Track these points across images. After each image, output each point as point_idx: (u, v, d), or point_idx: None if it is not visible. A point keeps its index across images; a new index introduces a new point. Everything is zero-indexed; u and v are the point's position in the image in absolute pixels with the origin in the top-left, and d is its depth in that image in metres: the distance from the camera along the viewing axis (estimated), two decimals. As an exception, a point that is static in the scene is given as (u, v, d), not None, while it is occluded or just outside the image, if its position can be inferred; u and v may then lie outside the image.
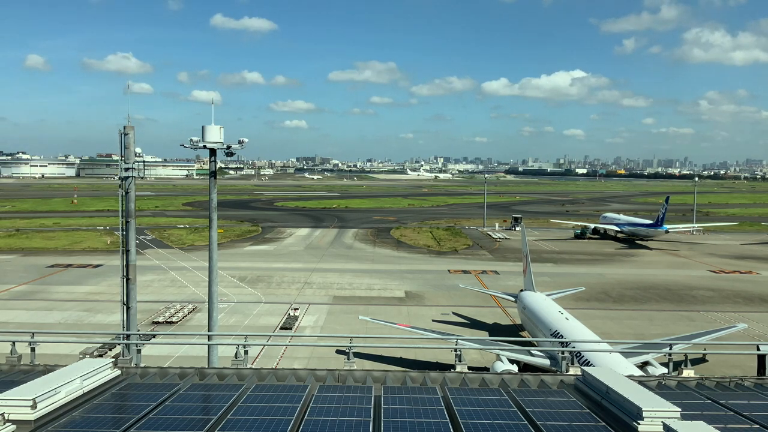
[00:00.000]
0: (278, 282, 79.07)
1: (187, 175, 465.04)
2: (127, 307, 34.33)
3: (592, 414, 14.96)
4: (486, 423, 14.18)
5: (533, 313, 50.12)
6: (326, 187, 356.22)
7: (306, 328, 57.33)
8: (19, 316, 59.58)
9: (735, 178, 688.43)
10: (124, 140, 33.70)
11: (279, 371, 19.43)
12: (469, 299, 69.97)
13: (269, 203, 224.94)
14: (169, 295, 69.87)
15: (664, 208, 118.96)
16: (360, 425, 13.83)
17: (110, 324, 55.55)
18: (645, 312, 65.86)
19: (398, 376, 19.19)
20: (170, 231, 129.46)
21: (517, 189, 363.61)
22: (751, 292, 76.57)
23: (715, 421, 14.01)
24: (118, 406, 15.23)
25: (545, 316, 47.94)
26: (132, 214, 34.43)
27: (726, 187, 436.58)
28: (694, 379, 19.12)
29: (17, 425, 13.36)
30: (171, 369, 19.23)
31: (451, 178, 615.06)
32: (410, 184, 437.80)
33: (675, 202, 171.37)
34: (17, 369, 19.24)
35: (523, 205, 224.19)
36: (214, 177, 37.05)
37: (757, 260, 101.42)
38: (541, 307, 50.19)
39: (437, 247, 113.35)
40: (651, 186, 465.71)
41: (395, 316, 58.15)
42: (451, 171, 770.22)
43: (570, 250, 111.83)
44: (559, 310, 48.48)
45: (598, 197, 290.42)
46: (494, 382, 18.65)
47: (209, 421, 13.96)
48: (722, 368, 39.88)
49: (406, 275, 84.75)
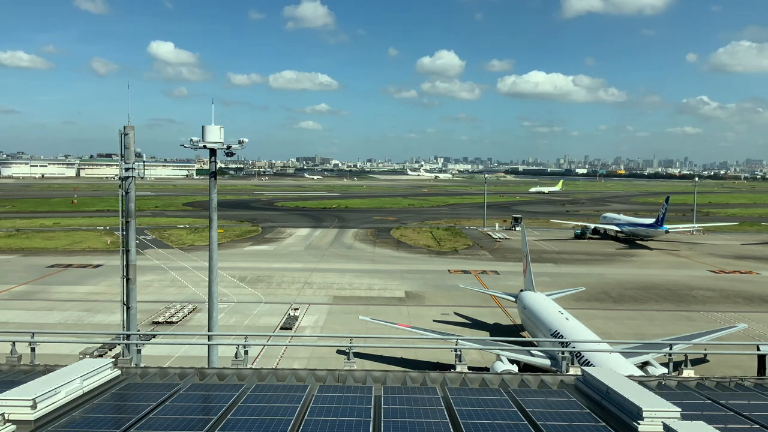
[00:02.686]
0: (278, 282, 79.07)
1: (187, 176, 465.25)
2: (127, 307, 34.31)
3: (592, 414, 14.95)
4: (486, 423, 14.18)
5: (533, 313, 50.13)
6: (326, 187, 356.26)
7: (306, 328, 57.33)
8: (19, 316, 59.58)
9: (735, 178, 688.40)
10: (124, 140, 33.68)
11: (279, 371, 19.43)
12: (470, 299, 69.95)
13: (269, 203, 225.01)
14: (169, 295, 69.89)
15: (665, 208, 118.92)
16: (360, 425, 13.83)
17: (110, 324, 55.53)
18: (645, 312, 65.86)
19: (398, 376, 19.18)
20: (170, 231, 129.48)
21: (517, 189, 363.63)
22: (752, 292, 76.56)
23: (715, 421, 14.01)
24: (118, 406, 15.23)
25: (545, 316, 47.94)
26: (132, 214, 34.40)
27: (726, 187, 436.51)
28: (694, 379, 19.12)
29: (17, 425, 13.35)
30: (171, 369, 19.22)
31: (452, 178, 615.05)
32: (410, 184, 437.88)
33: (675, 202, 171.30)
34: (17, 369, 19.23)
35: (523, 205, 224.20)
36: (215, 177, 37.05)
37: (758, 260, 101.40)
38: (541, 307, 50.17)
39: (437, 247, 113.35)
40: (651, 186, 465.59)
41: (395, 316, 58.17)
42: (451, 171, 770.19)
43: (570, 250, 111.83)
44: (559, 310, 48.45)
45: (598, 197, 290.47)
46: (494, 382, 18.66)
47: (209, 421, 13.95)
48: (722, 368, 39.88)
49: (406, 275, 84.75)
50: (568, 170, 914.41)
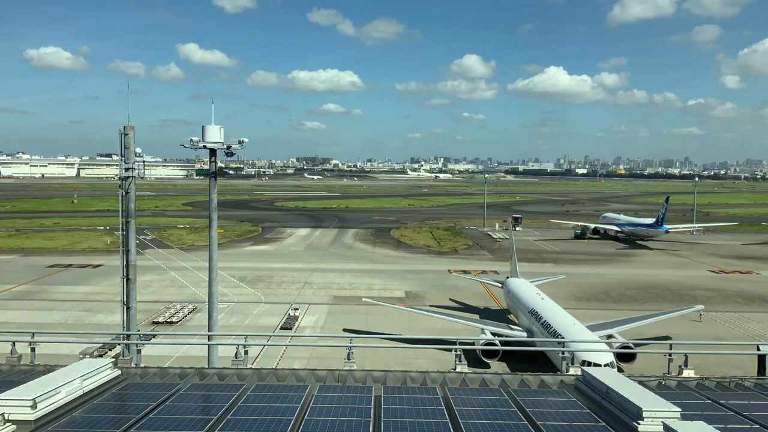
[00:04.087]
0: (278, 282, 79.07)
1: (187, 176, 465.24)
2: (127, 307, 34.33)
3: (592, 414, 14.96)
4: (486, 423, 14.19)
5: (515, 295, 57.47)
6: (326, 187, 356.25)
7: (306, 328, 57.32)
8: (19, 316, 59.56)
9: (735, 178, 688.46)
10: (124, 140, 33.69)
11: (279, 371, 19.44)
12: (468, 298, 70.14)
13: (269, 203, 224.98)
14: (169, 295, 69.88)
15: (665, 208, 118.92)
16: (360, 425, 13.83)
17: (110, 324, 55.50)
18: (645, 312, 65.68)
19: (398, 376, 19.18)
20: (170, 231, 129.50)
21: (517, 189, 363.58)
22: (752, 292, 76.53)
23: (715, 421, 14.01)
24: (118, 406, 15.23)
25: (524, 297, 55.06)
26: (132, 214, 34.42)
27: (726, 187, 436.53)
28: (694, 379, 19.13)
29: (17, 425, 13.35)
30: (171, 369, 19.23)
31: (452, 178, 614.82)
32: (410, 184, 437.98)
33: (675, 202, 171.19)
34: (17, 369, 19.23)
35: (523, 205, 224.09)
36: (215, 177, 37.04)
37: (758, 260, 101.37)
38: (523, 291, 57.14)
39: (437, 247, 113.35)
40: (651, 186, 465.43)
41: (395, 316, 58.26)
42: (451, 171, 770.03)
43: (570, 250, 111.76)
44: (537, 292, 55.52)
45: (598, 197, 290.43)
46: (494, 382, 18.67)
47: (209, 421, 13.96)
48: (722, 368, 39.85)
49: (406, 275, 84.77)
50: (568, 170, 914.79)
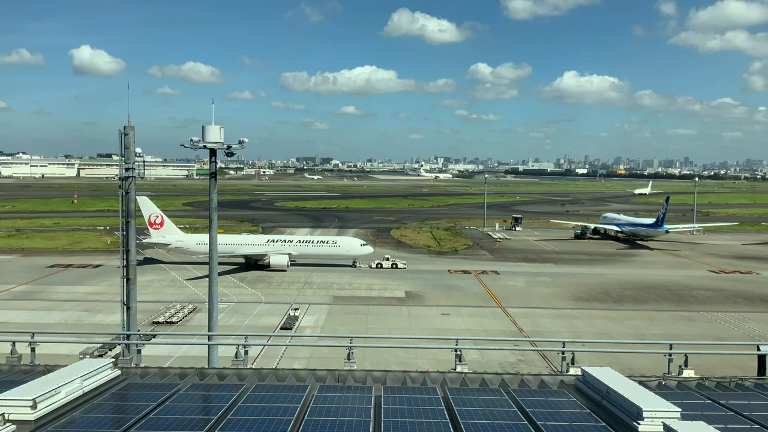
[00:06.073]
0: (278, 282, 79.08)
1: (188, 176, 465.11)
2: (127, 307, 34.31)
3: (592, 414, 14.95)
4: (486, 423, 14.18)
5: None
6: (326, 187, 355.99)
7: (306, 328, 57.33)
8: (19, 316, 59.58)
9: (735, 178, 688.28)
10: (124, 140, 33.68)
11: (279, 371, 19.43)
12: (469, 299, 70.04)
13: (269, 203, 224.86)
14: (169, 295, 69.89)
15: (665, 208, 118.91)
16: (360, 425, 13.82)
17: (110, 324, 55.51)
18: (645, 312, 65.81)
19: (398, 376, 19.17)
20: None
21: (517, 189, 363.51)
22: (752, 292, 76.57)
23: (715, 421, 14.01)
24: (118, 407, 15.23)
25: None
26: (132, 214, 34.42)
27: (726, 187, 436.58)
28: (694, 379, 19.12)
29: (17, 425, 13.35)
30: (171, 369, 19.21)
31: (452, 178, 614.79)
32: (410, 184, 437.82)
33: (675, 202, 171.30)
34: (17, 369, 19.22)
35: (523, 205, 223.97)
36: (215, 177, 37.03)
37: (758, 260, 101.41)
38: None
39: (437, 247, 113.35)
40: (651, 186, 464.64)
41: (395, 316, 58.27)
42: (451, 171, 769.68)
43: (570, 250, 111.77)
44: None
45: (598, 197, 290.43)
46: (494, 382, 18.66)
47: (209, 421, 13.95)
48: (722, 368, 39.85)
49: (407, 275, 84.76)
50: (568, 170, 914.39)
